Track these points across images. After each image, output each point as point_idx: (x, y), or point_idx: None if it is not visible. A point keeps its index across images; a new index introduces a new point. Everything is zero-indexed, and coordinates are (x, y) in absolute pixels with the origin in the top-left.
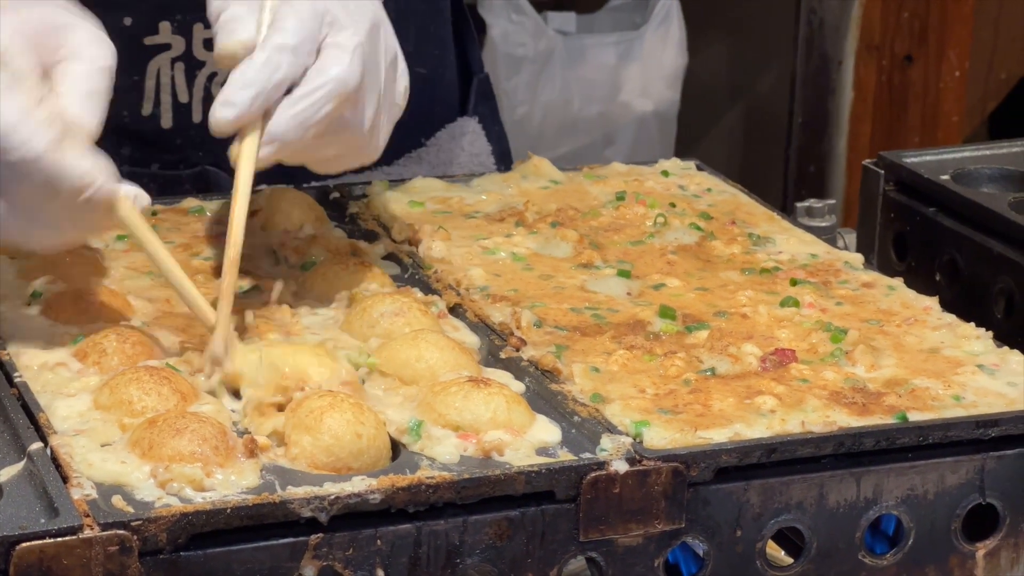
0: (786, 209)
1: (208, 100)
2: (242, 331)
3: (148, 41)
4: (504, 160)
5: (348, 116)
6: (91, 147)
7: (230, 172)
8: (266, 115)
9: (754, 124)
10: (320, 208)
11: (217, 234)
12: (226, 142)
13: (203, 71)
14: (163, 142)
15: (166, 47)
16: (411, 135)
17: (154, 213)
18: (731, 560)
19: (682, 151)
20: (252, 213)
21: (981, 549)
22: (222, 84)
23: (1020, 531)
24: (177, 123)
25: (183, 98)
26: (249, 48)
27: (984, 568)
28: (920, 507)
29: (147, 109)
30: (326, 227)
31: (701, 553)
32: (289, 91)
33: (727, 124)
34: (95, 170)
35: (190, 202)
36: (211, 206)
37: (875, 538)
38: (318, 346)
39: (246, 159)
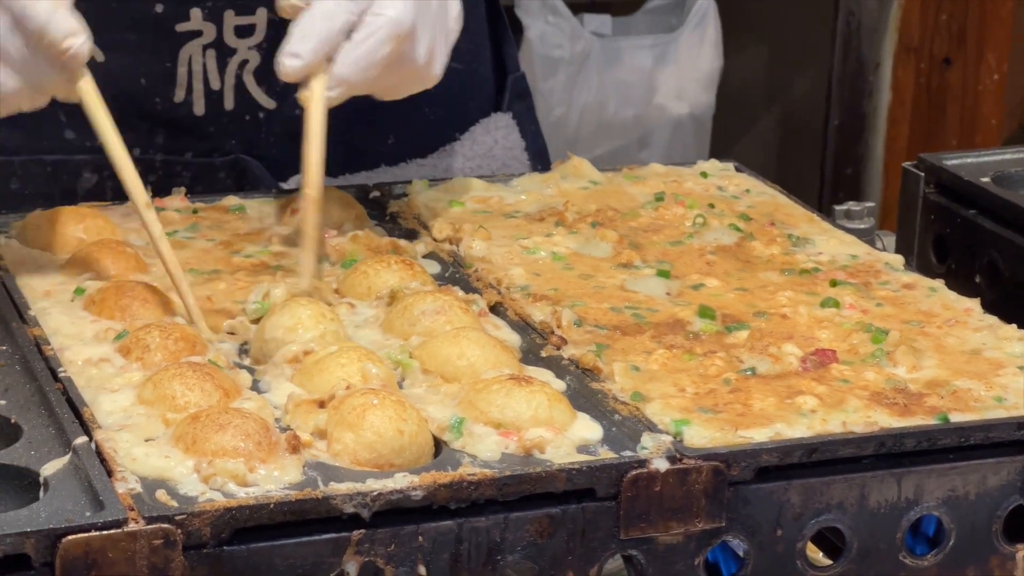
0: (822, 211)
1: (240, 87)
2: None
3: (180, 28)
4: (540, 159)
5: (406, 51)
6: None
7: (263, 160)
8: (330, 59)
9: (790, 126)
10: (360, 207)
11: (257, 230)
12: (257, 130)
13: (234, 58)
14: (196, 129)
15: (197, 34)
16: (445, 129)
17: (195, 211)
18: (771, 559)
19: (718, 154)
20: (292, 212)
21: (1022, 550)
22: (253, 72)
23: None
24: (209, 110)
25: (215, 85)
26: (308, 1)
27: None
28: (961, 508)
29: (179, 96)
30: (366, 226)
31: (741, 553)
32: (349, 35)
33: (763, 126)
34: (82, 28)
35: (230, 200)
36: (251, 204)
37: (915, 539)
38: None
39: (316, 102)
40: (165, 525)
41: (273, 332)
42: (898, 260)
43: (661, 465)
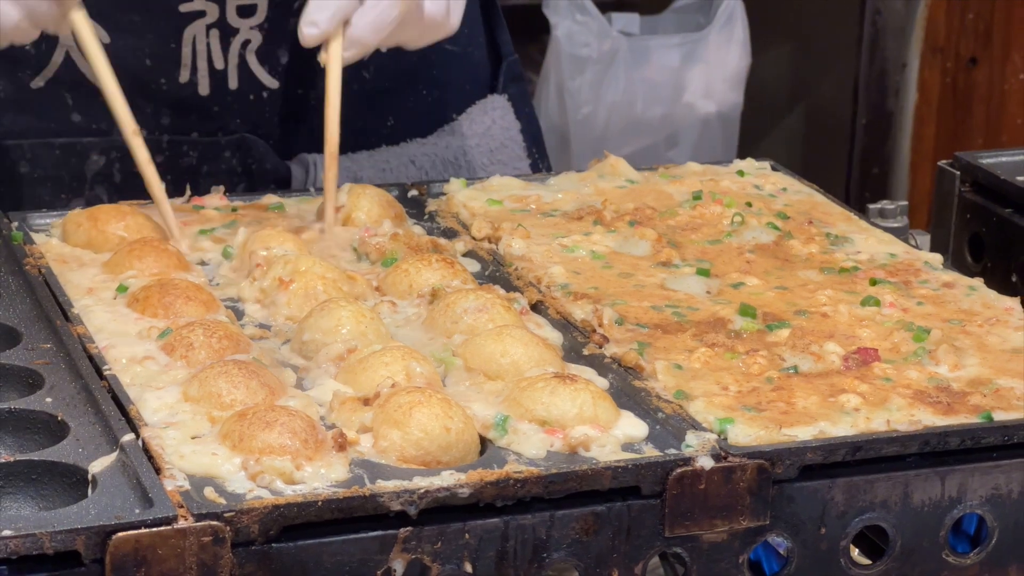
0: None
1: (243, 67)
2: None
3: (184, 8)
4: (536, 143)
5: (417, 8)
6: None
7: (268, 139)
8: (346, 23)
9: (817, 125)
10: (399, 206)
11: (297, 228)
12: (261, 109)
13: (237, 38)
14: (201, 109)
15: (201, 14)
16: (443, 110)
17: (234, 209)
18: (815, 557)
19: (745, 153)
20: (336, 210)
21: None
22: (256, 52)
23: None
24: (214, 90)
25: (219, 65)
26: None
27: None
28: (1004, 507)
29: (184, 76)
30: (406, 224)
31: (783, 551)
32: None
33: (790, 125)
34: None
35: (269, 198)
36: (290, 202)
37: (956, 538)
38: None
39: (334, 63)
40: (214, 522)
41: (313, 332)
42: (937, 259)
43: (706, 463)
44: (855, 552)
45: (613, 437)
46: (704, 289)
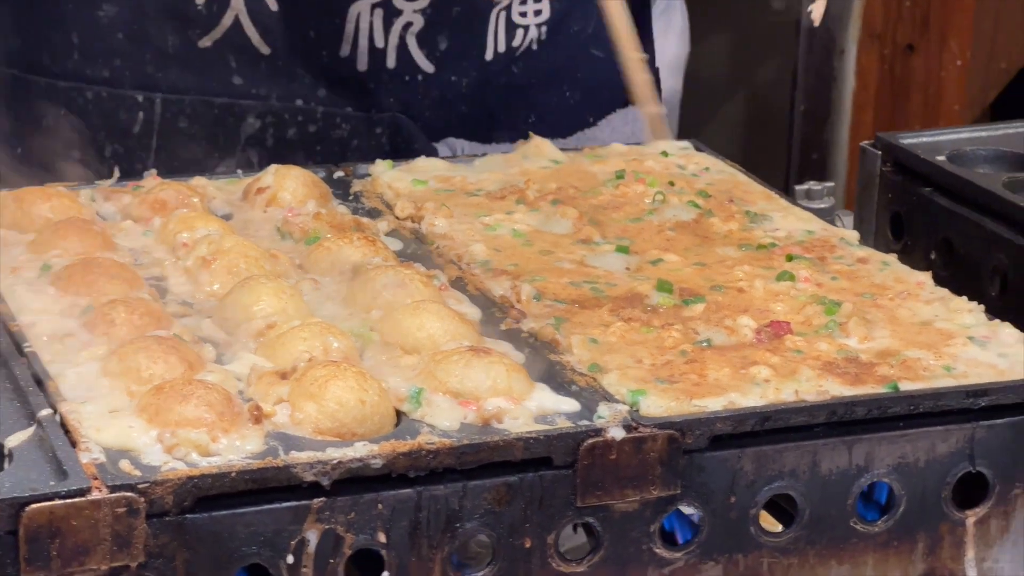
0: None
1: (403, 48)
2: None
3: None
4: None
5: None
6: None
7: (418, 121)
8: None
9: (757, 112)
10: (325, 186)
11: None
12: (415, 91)
13: (400, 19)
14: (357, 84)
15: None
16: (580, 113)
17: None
18: (725, 526)
19: (685, 139)
20: (258, 191)
21: (971, 517)
22: (416, 35)
23: (1010, 499)
24: (372, 67)
25: (379, 43)
26: None
27: (974, 535)
28: (911, 475)
29: (345, 51)
30: (330, 204)
31: (696, 520)
32: None
33: (730, 112)
34: None
35: (198, 181)
36: (217, 184)
37: (867, 506)
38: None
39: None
40: (128, 493)
41: (234, 309)
42: (853, 236)
43: (617, 434)
44: (771, 519)
45: (526, 409)
46: (623, 266)
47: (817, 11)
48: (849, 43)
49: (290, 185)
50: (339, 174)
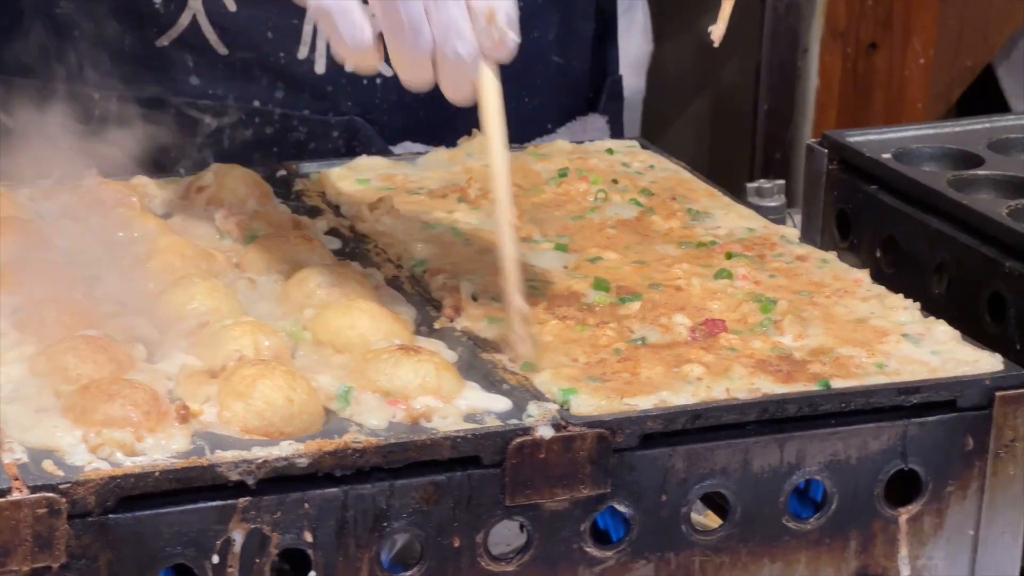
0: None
1: None
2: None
3: None
4: None
5: None
6: None
7: (376, 124)
8: None
9: (720, 111)
10: (266, 185)
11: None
12: (373, 94)
13: None
14: (314, 87)
15: None
16: (538, 121)
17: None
18: (657, 524)
19: (648, 138)
20: (198, 190)
21: (904, 514)
22: (376, 38)
23: (942, 497)
24: (330, 70)
25: None
26: None
27: (907, 533)
28: (843, 473)
29: (302, 53)
30: (271, 203)
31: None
32: None
33: (693, 111)
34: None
35: (140, 179)
36: (158, 183)
37: (803, 504)
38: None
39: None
40: (49, 494)
41: (167, 308)
42: (794, 233)
43: (546, 432)
44: (709, 515)
45: (456, 408)
46: (562, 264)
47: (717, 32)
48: (812, 41)
49: (230, 184)
50: (281, 173)
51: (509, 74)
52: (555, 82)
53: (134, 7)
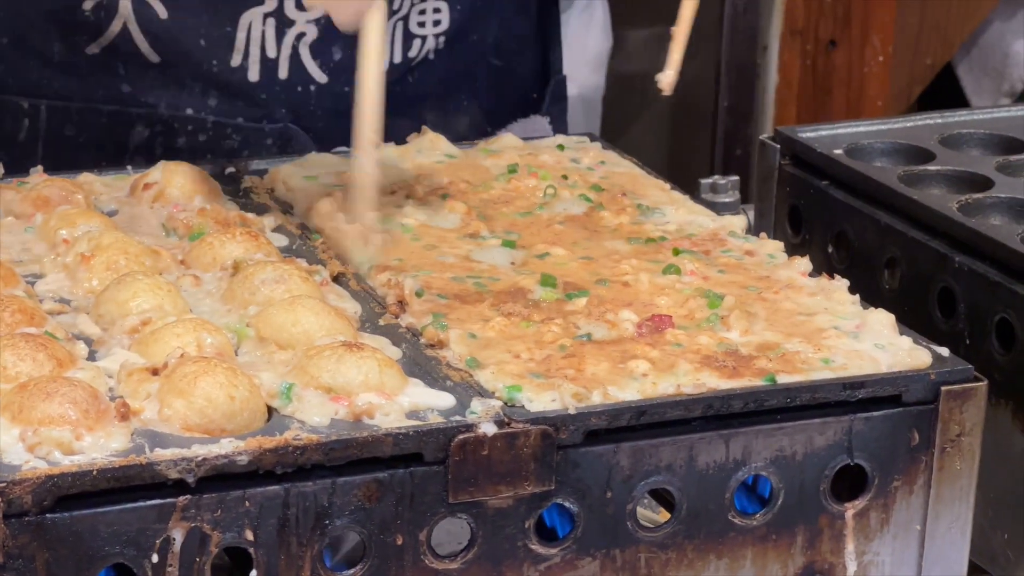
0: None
1: (295, 58)
2: None
3: None
4: None
5: None
6: None
7: (310, 131)
8: None
9: (681, 108)
10: (214, 183)
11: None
12: (308, 101)
13: (292, 29)
14: (248, 95)
15: (259, 1)
16: (480, 124)
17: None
18: (602, 521)
19: (609, 135)
20: (145, 187)
21: (850, 509)
22: (310, 45)
23: (889, 492)
24: (264, 77)
25: (271, 53)
26: None
27: (853, 528)
28: (789, 468)
29: (236, 61)
30: (218, 200)
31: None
32: None
33: (654, 108)
34: None
35: (86, 176)
36: (105, 180)
37: (751, 500)
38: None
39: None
40: None
41: (109, 305)
42: (741, 228)
43: (489, 429)
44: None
45: (399, 404)
46: (509, 260)
47: (667, 80)
48: (772, 39)
49: (178, 181)
50: (230, 170)
51: (448, 76)
52: (495, 84)
53: (63, 14)
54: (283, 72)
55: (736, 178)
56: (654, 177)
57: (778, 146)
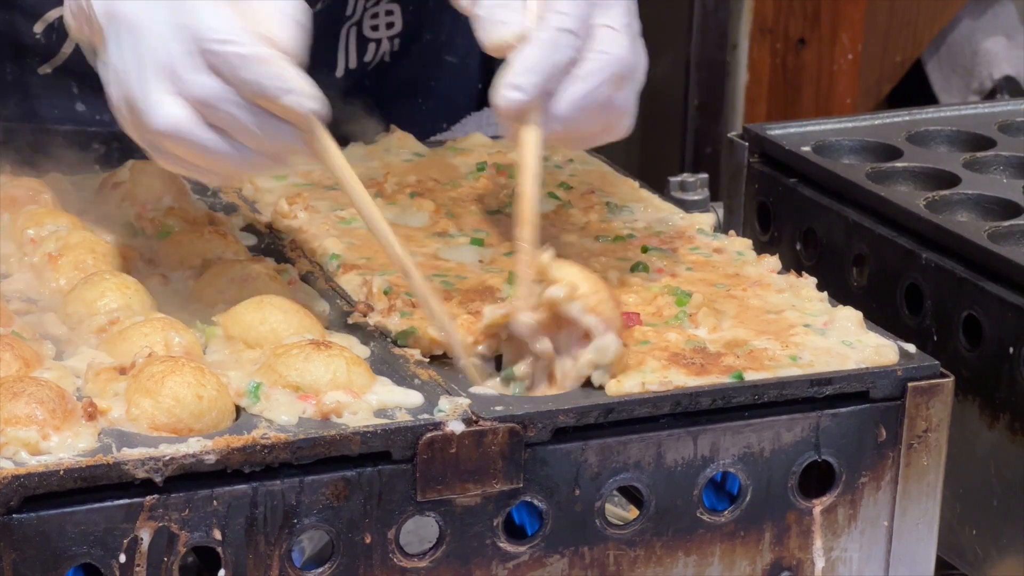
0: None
1: None
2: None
3: None
4: None
5: (618, 95)
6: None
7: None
8: (549, 95)
9: (651, 106)
10: (182, 182)
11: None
12: None
13: None
14: None
15: None
16: (435, 120)
17: None
18: (570, 519)
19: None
20: (113, 186)
21: (818, 506)
22: None
23: (856, 488)
24: None
25: None
26: (522, 37)
27: (821, 524)
28: (756, 465)
29: None
30: (187, 199)
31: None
32: (570, 71)
33: None
34: (302, 79)
35: (53, 177)
36: (73, 180)
37: (719, 497)
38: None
39: (533, 140)
40: None
41: (76, 305)
42: (710, 226)
43: (457, 427)
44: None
45: (367, 403)
46: (477, 258)
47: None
48: (741, 37)
49: (146, 180)
50: None
51: (403, 78)
52: (449, 81)
53: (11, 37)
54: None
55: (705, 176)
56: (622, 175)
57: (747, 144)
